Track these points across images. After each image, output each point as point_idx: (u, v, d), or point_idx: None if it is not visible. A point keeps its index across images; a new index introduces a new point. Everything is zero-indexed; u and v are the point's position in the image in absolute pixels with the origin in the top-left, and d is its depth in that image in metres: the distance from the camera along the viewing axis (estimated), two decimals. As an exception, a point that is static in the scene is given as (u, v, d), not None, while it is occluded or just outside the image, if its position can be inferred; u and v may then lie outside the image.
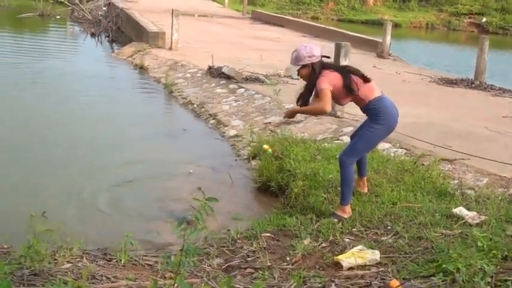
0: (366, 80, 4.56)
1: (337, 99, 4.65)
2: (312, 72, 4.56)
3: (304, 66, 4.57)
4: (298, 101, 4.76)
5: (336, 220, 4.54)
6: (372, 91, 4.55)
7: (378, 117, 4.50)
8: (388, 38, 16.87)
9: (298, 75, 4.68)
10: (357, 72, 4.57)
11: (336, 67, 4.78)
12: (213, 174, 6.50)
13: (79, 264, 3.53)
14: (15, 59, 13.83)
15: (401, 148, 6.39)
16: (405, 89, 11.15)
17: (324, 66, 4.57)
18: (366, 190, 5.15)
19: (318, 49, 4.58)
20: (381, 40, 17.30)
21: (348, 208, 4.66)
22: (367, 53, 16.92)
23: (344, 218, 4.58)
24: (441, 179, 5.46)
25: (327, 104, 4.42)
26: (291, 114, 4.93)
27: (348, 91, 4.50)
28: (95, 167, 6.51)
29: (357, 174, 4.90)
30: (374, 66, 13.97)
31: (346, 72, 4.55)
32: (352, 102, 4.73)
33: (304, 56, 4.53)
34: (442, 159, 5.95)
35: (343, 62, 7.54)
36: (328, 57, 4.88)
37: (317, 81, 4.47)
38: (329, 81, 4.45)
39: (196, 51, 14.93)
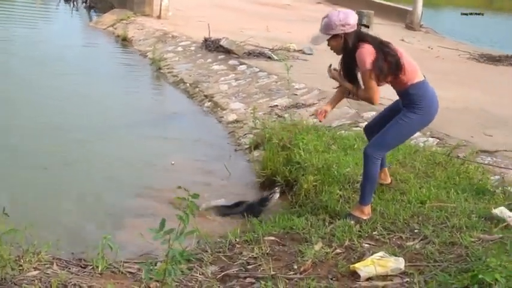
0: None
1: None
2: (344, 45, 4.48)
3: (335, 36, 4.47)
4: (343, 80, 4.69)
5: (353, 222, 4.54)
6: (416, 72, 4.47)
7: (416, 105, 4.44)
8: (420, 5, 16.81)
9: (328, 45, 4.58)
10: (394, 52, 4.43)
11: (373, 40, 4.55)
12: (206, 166, 6.54)
13: (48, 272, 3.55)
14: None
15: (432, 137, 6.39)
16: (438, 67, 11.09)
17: (359, 38, 4.46)
18: (389, 181, 5.13)
19: (353, 16, 4.46)
20: (410, 8, 17.24)
21: (368, 209, 4.66)
22: (394, 23, 16.87)
23: (363, 220, 4.58)
24: (479, 174, 5.46)
25: (377, 93, 4.41)
26: (335, 77, 4.78)
27: (393, 70, 4.38)
28: (64, 157, 6.52)
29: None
30: (402, 40, 13.92)
31: (385, 48, 4.41)
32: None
33: (336, 25, 4.41)
34: (480, 151, 5.94)
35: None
36: (367, 27, 4.76)
37: (358, 55, 4.38)
38: (371, 58, 4.34)
39: (190, 20, 14.93)
